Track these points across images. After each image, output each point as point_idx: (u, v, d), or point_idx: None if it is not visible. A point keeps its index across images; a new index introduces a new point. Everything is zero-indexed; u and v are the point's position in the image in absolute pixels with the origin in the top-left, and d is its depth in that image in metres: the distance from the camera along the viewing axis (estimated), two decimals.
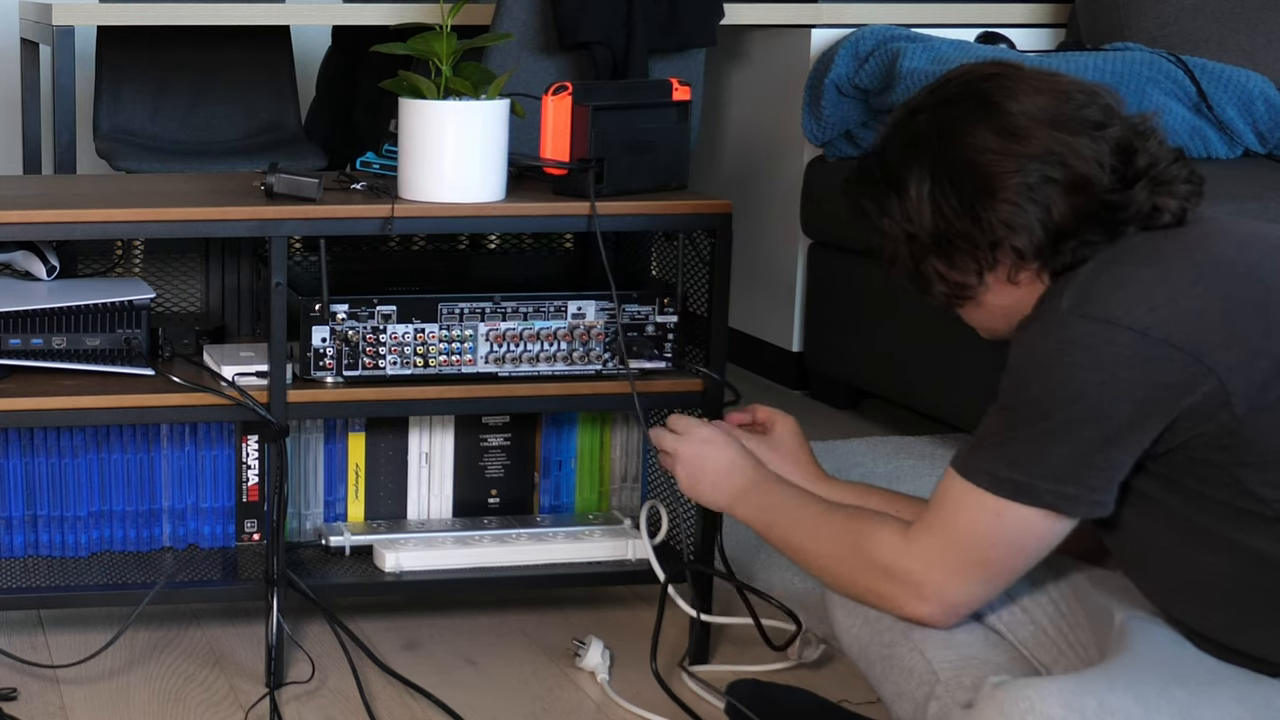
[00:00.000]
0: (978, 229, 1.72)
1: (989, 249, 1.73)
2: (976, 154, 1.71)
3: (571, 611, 2.60)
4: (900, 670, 1.84)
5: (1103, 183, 1.69)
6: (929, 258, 1.78)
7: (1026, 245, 1.71)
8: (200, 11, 3.89)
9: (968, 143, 1.72)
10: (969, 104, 1.74)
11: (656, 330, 2.39)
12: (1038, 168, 1.69)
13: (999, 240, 1.72)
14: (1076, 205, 1.69)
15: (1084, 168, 1.69)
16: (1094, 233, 1.70)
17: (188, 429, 2.43)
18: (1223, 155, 3.49)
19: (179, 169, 3.99)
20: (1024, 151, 1.70)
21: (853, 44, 3.70)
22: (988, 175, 1.71)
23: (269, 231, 2.23)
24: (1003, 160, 1.70)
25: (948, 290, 1.80)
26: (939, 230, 1.75)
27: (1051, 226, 1.70)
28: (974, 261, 1.75)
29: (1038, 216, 1.70)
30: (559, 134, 2.35)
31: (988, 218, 1.71)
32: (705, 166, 4.34)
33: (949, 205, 1.73)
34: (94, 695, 2.30)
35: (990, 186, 1.71)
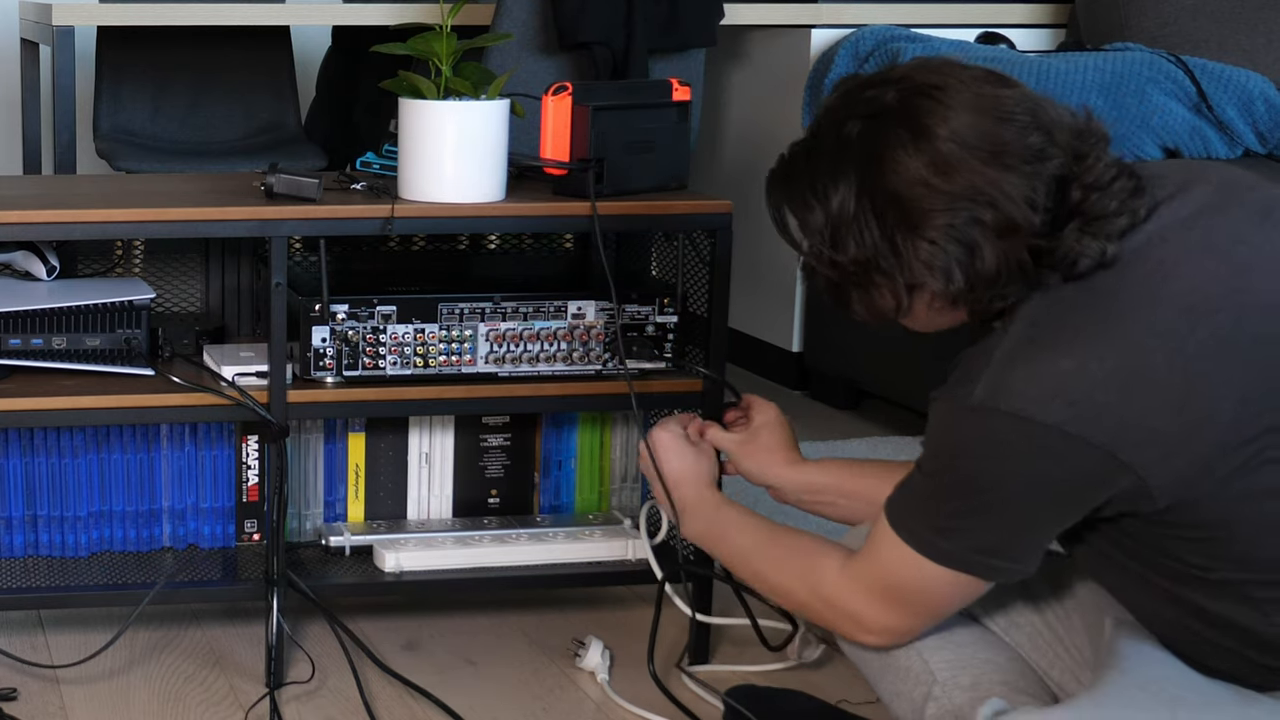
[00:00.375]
0: (897, 264, 1.64)
1: (906, 289, 1.67)
2: (903, 184, 1.62)
3: (571, 611, 2.60)
4: (897, 670, 1.84)
5: (1032, 226, 1.59)
6: (848, 283, 1.71)
7: (943, 289, 1.64)
8: (200, 11, 3.89)
9: (895, 170, 1.62)
10: (902, 127, 1.62)
11: (656, 330, 2.39)
12: (966, 207, 1.60)
13: (918, 282, 1.65)
14: (1003, 250, 1.60)
15: (1013, 210, 1.59)
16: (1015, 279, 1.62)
17: (188, 429, 2.43)
18: (1223, 155, 3.48)
19: (179, 169, 3.99)
20: (951, 189, 1.60)
21: (853, 44, 3.70)
22: (913, 210, 1.61)
23: (269, 231, 2.23)
24: (930, 196, 1.60)
25: (866, 313, 1.74)
26: (859, 259, 1.67)
27: (972, 271, 1.61)
28: (892, 294, 1.69)
29: (959, 258, 1.61)
30: (559, 134, 2.35)
31: (908, 256, 1.63)
32: (705, 166, 4.34)
33: (870, 234, 1.64)
34: (94, 695, 2.30)
35: (914, 222, 1.62)
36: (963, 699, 1.77)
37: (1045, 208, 1.60)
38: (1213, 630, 1.65)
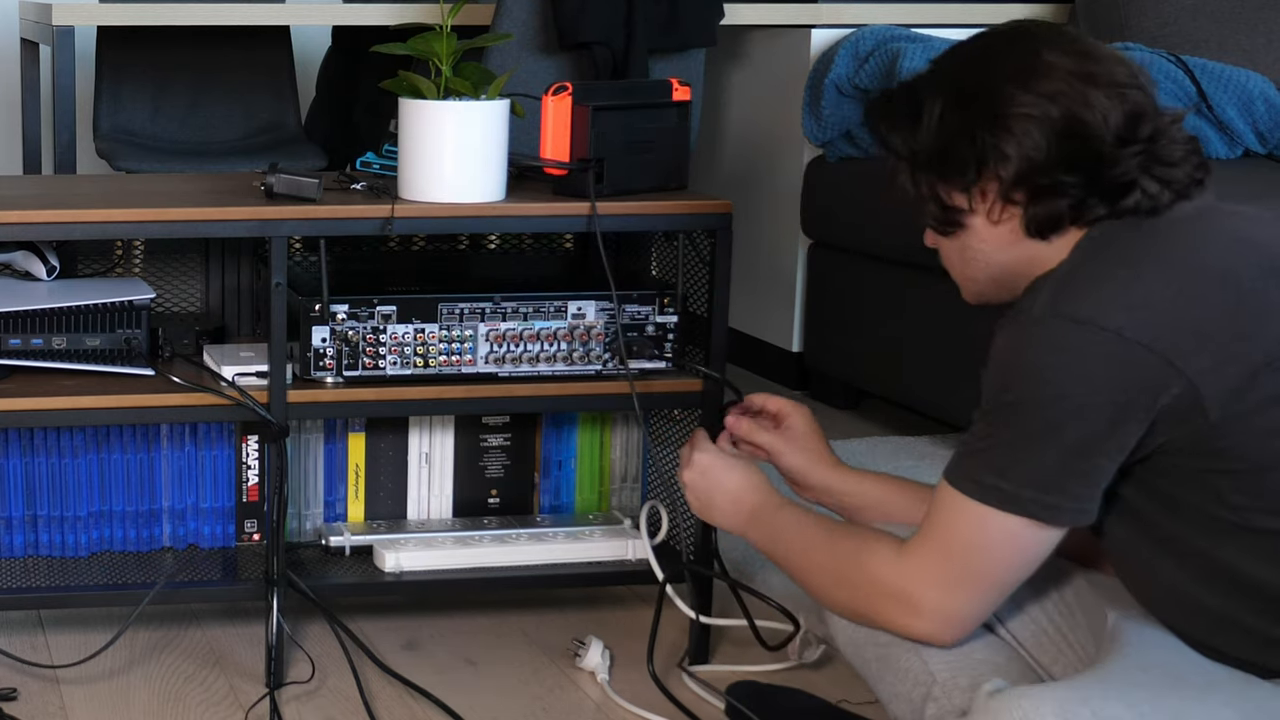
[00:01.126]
0: (973, 148, 1.74)
1: (981, 167, 1.75)
2: (994, 80, 1.74)
3: (571, 611, 2.60)
4: (896, 671, 1.83)
5: (1100, 134, 1.70)
6: (927, 175, 1.80)
7: (1010, 174, 1.73)
8: (200, 11, 3.89)
9: (990, 67, 1.75)
10: (1008, 39, 1.78)
11: (656, 330, 2.39)
12: (1041, 104, 1.71)
13: (988, 161, 1.74)
14: (1065, 149, 1.71)
15: (1088, 115, 1.70)
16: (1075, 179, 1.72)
17: (188, 429, 2.43)
18: (1223, 155, 3.48)
19: (179, 169, 3.99)
20: (1038, 87, 1.72)
21: (853, 44, 3.70)
22: (995, 101, 1.73)
23: (269, 231, 2.23)
24: (1016, 92, 1.72)
25: (939, 212, 1.81)
26: (937, 146, 1.77)
27: (1037, 163, 1.72)
28: (965, 182, 1.77)
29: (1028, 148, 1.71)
30: (559, 134, 2.35)
31: (982, 138, 1.73)
32: (705, 166, 4.34)
33: (954, 124, 1.76)
34: (94, 695, 2.30)
35: (994, 113, 1.73)
36: (962, 699, 1.77)
37: (1117, 126, 1.71)
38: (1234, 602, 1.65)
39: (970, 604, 1.75)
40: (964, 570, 1.72)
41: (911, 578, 1.76)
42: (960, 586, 1.73)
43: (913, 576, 1.76)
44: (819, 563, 1.88)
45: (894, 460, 3.36)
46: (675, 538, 2.50)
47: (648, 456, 2.59)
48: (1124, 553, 1.75)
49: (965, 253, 1.83)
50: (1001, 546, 1.70)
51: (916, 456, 3.40)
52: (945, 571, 1.73)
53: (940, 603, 1.75)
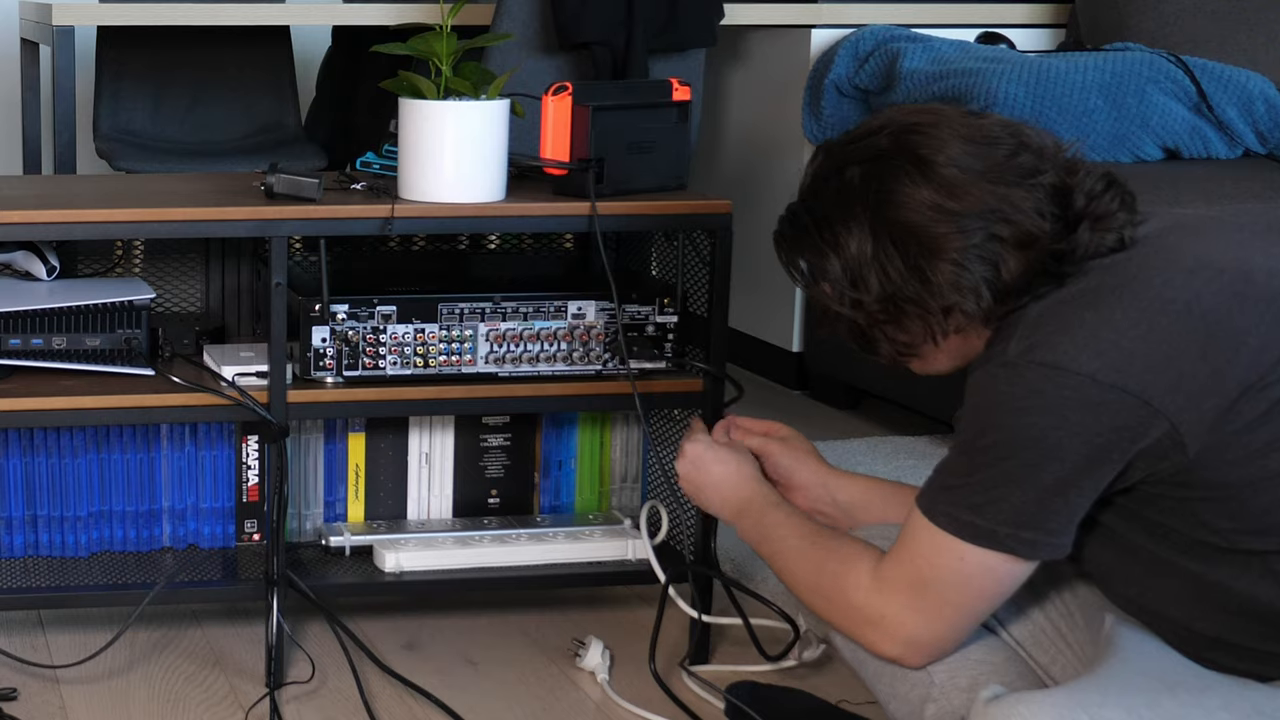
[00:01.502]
0: (927, 292, 1.69)
1: (940, 313, 1.70)
2: (916, 214, 1.67)
3: (571, 611, 2.60)
4: (895, 672, 1.83)
5: (1045, 233, 1.66)
6: (876, 323, 1.75)
7: (974, 308, 1.68)
8: (200, 11, 3.89)
9: (905, 202, 1.68)
10: (900, 160, 1.69)
11: (656, 330, 2.39)
12: (981, 225, 1.66)
13: (949, 305, 1.69)
14: (1025, 261, 1.66)
15: (1026, 222, 1.66)
16: (1043, 284, 1.67)
17: (188, 429, 2.43)
18: (1223, 155, 3.49)
19: (179, 169, 3.99)
20: (962, 209, 1.66)
21: (853, 44, 3.70)
22: (931, 236, 1.67)
23: (269, 231, 2.23)
24: (943, 220, 1.66)
25: (894, 350, 1.78)
26: (886, 295, 1.71)
27: (1000, 286, 1.67)
28: (923, 324, 1.73)
29: (985, 276, 1.67)
30: (559, 134, 2.35)
31: (936, 281, 1.68)
32: (705, 166, 4.34)
33: (894, 269, 1.69)
34: (94, 695, 2.30)
35: (935, 247, 1.67)
36: (961, 700, 1.77)
37: (1053, 215, 1.67)
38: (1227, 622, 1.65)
39: (940, 632, 1.75)
40: (937, 599, 1.73)
41: (886, 603, 1.76)
42: (932, 615, 1.74)
43: (887, 602, 1.76)
44: (800, 571, 1.88)
45: (894, 460, 3.36)
46: (675, 538, 2.50)
47: (648, 456, 2.59)
48: (1110, 577, 1.75)
49: (925, 361, 1.80)
50: (977, 578, 1.70)
51: (916, 456, 3.40)
52: (918, 600, 1.74)
53: (912, 629, 1.75)
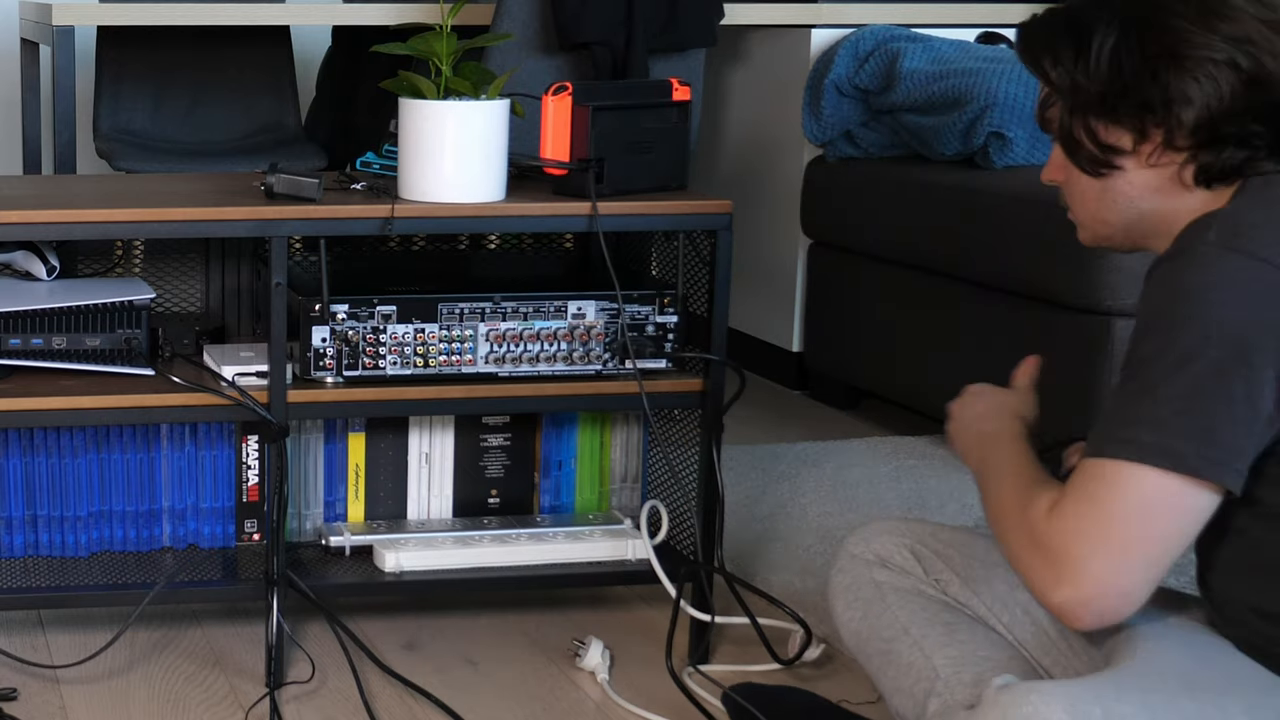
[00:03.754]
0: (1155, 87, 1.67)
1: (1162, 109, 1.67)
2: (1172, 18, 1.68)
3: (571, 611, 2.60)
4: (900, 666, 1.83)
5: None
6: (1089, 113, 1.72)
7: (1189, 118, 1.66)
8: (200, 11, 3.89)
9: (1167, 20, 1.68)
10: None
11: (657, 330, 2.39)
12: (1228, 49, 1.65)
13: (1171, 103, 1.66)
14: (1251, 100, 1.65)
15: (1272, 64, 1.66)
16: (1254, 133, 1.66)
17: (188, 429, 2.43)
18: None
19: (179, 169, 3.99)
20: (1221, 29, 1.66)
21: (853, 44, 3.70)
22: (1177, 41, 1.66)
23: (269, 231, 2.23)
24: (1197, 32, 1.66)
25: (1095, 153, 1.73)
26: (1111, 84, 1.70)
27: (1217, 109, 1.66)
28: (1137, 123, 1.70)
29: (1208, 94, 1.65)
30: (559, 134, 2.35)
31: (1164, 80, 1.66)
32: (705, 166, 4.34)
33: (1130, 61, 1.68)
34: (94, 695, 2.30)
35: (1177, 53, 1.66)
36: (965, 694, 1.76)
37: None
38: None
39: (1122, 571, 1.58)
40: (1117, 533, 1.58)
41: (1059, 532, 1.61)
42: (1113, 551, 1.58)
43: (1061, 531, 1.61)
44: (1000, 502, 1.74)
45: (894, 460, 3.36)
46: (675, 538, 2.50)
47: (648, 456, 2.59)
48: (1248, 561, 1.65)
49: (1107, 195, 1.74)
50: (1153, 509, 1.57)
51: (916, 456, 3.40)
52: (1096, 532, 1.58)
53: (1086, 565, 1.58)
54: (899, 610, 1.89)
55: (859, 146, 3.73)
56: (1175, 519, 1.58)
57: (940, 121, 3.48)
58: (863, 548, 1.98)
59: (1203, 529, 1.61)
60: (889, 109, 3.64)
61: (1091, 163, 1.74)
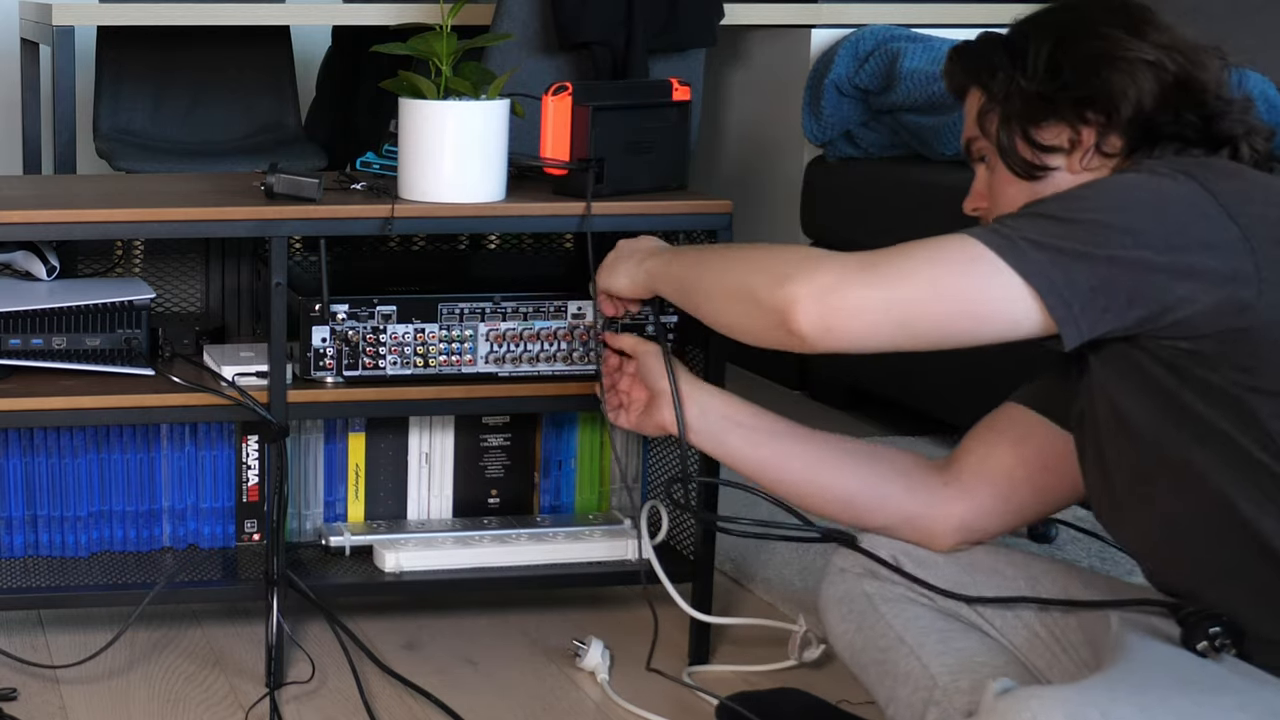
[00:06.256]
0: (1095, 81, 1.73)
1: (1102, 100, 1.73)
2: (1105, 28, 1.75)
3: (571, 611, 2.60)
4: (896, 676, 1.82)
5: (1211, 91, 1.72)
6: (1027, 114, 1.78)
7: (1129, 111, 1.72)
8: (200, 11, 3.89)
9: (1099, 30, 1.75)
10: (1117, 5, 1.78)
11: (656, 330, 2.39)
12: (1158, 53, 1.72)
13: (1110, 95, 1.72)
14: (1181, 99, 1.72)
15: (1200, 74, 1.72)
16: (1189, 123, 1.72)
17: (188, 429, 2.43)
18: None
19: (179, 169, 3.99)
20: (1151, 36, 1.73)
21: (853, 44, 3.70)
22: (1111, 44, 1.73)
23: (269, 231, 2.23)
24: (1128, 38, 1.73)
25: (1029, 157, 1.77)
26: (1049, 83, 1.76)
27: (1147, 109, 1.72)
28: (1075, 117, 1.75)
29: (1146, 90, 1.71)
30: (559, 134, 2.35)
31: (1104, 74, 1.72)
32: (705, 166, 4.34)
33: (1068, 61, 1.75)
34: (94, 695, 2.30)
35: (1112, 54, 1.73)
36: (964, 702, 1.76)
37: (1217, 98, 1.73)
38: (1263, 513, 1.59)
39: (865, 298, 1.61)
40: (891, 268, 1.61)
41: (832, 259, 1.65)
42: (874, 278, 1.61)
43: (835, 258, 1.65)
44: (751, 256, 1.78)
45: None
46: (675, 538, 2.50)
47: (648, 456, 2.59)
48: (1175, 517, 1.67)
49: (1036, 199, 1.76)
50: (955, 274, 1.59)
51: None
52: (872, 263, 1.62)
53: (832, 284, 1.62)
54: (893, 619, 1.89)
55: (859, 146, 3.73)
56: (968, 293, 1.59)
57: (940, 121, 3.48)
58: (851, 560, 1.98)
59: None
60: (889, 109, 3.64)
61: (1026, 166, 1.78)
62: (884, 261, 1.63)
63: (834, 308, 1.62)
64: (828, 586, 2.00)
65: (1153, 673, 1.61)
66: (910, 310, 1.61)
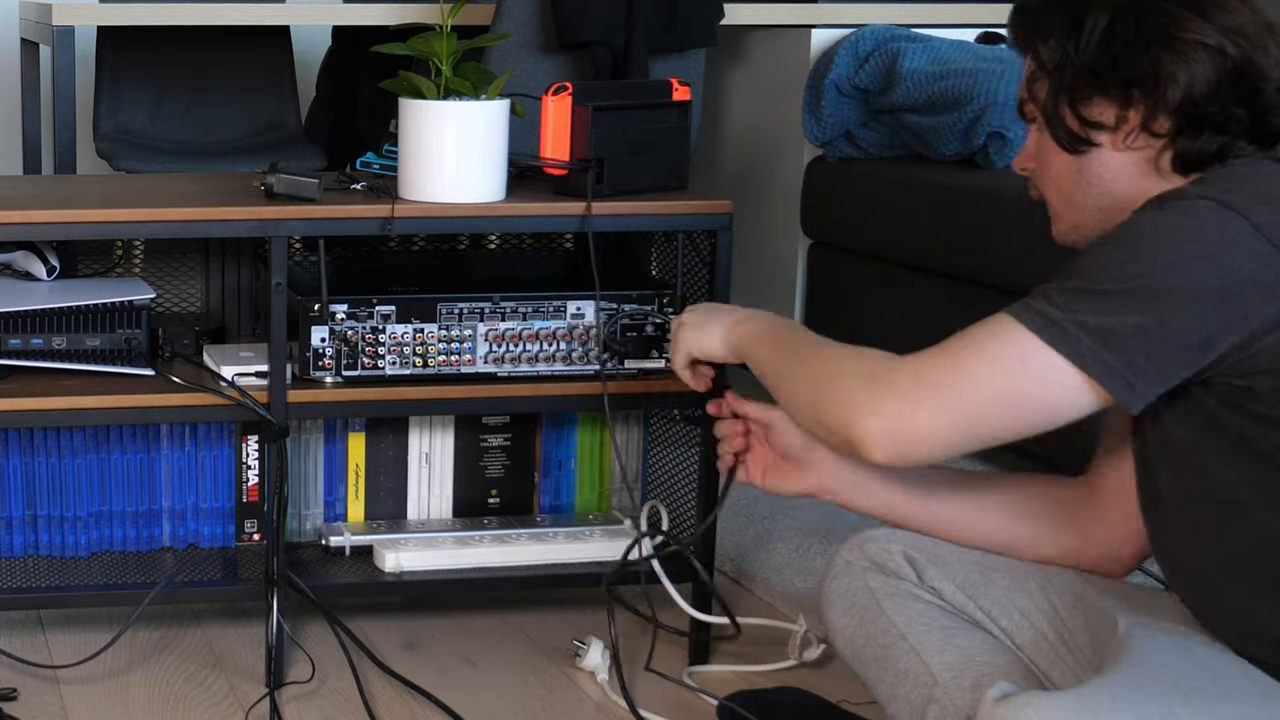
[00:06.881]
0: (1145, 60, 1.69)
1: (1150, 83, 1.69)
2: (1168, 3, 1.70)
3: (571, 611, 2.60)
4: (897, 673, 1.82)
5: (1270, 79, 1.68)
6: (1076, 87, 1.74)
7: (1175, 96, 1.67)
8: (200, 11, 3.89)
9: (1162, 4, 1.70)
10: None
11: (656, 330, 2.39)
12: (1219, 37, 1.67)
13: (1159, 78, 1.68)
14: (1236, 86, 1.67)
15: (1261, 60, 1.68)
16: (1235, 117, 1.68)
17: (188, 429, 2.43)
18: None
19: (179, 169, 3.99)
20: (1215, 17, 1.68)
21: (853, 44, 3.70)
22: (1171, 23, 1.68)
23: (269, 231, 2.23)
24: (1191, 18, 1.68)
25: (1076, 128, 1.74)
26: (1100, 58, 1.71)
27: (1202, 93, 1.67)
28: (1122, 96, 1.71)
29: (1198, 77, 1.67)
30: (559, 134, 2.35)
31: (1156, 54, 1.68)
32: (705, 166, 4.34)
33: (1122, 37, 1.70)
34: (94, 695, 2.30)
35: (1170, 34, 1.68)
36: (965, 700, 1.75)
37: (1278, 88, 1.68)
38: None
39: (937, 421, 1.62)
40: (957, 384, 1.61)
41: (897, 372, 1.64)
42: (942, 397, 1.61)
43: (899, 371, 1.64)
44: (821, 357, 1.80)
45: None
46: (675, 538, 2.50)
47: (648, 456, 2.59)
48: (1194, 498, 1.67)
49: (1081, 176, 1.75)
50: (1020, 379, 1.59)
51: None
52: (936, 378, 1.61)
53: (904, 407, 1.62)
54: (895, 615, 1.89)
55: (859, 146, 3.73)
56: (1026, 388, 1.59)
57: (940, 121, 3.48)
58: (857, 553, 1.98)
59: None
60: (889, 109, 3.64)
61: (1071, 139, 1.75)
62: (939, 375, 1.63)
63: (904, 439, 1.65)
64: (831, 580, 1.99)
65: (1157, 680, 1.59)
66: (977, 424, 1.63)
